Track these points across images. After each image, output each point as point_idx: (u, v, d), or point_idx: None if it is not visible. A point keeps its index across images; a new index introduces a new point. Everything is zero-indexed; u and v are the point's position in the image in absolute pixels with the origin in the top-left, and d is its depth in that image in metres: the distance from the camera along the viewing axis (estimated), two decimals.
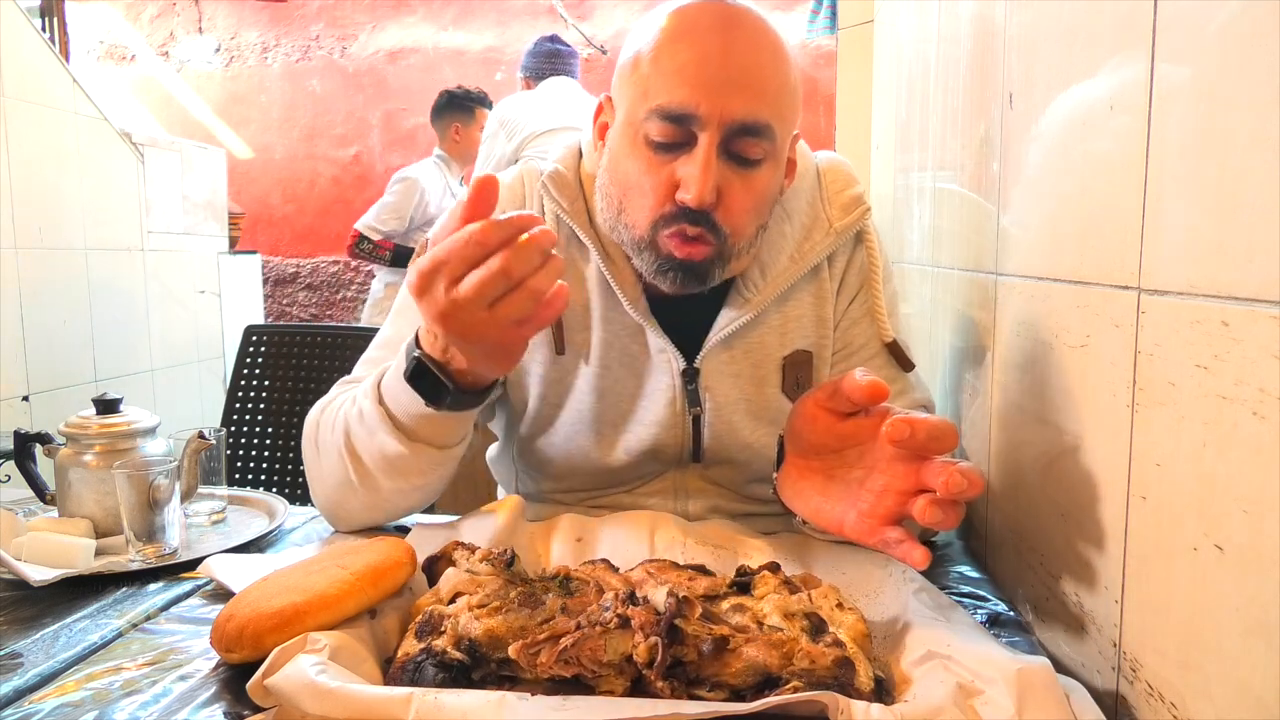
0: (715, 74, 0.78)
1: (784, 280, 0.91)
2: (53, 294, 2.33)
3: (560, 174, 0.93)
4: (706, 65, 0.78)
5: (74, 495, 0.92)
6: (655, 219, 0.82)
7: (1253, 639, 0.45)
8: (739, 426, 0.93)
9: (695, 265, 0.82)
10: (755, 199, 0.83)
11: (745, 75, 0.79)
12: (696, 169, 0.78)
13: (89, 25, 4.46)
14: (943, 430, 0.63)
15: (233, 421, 1.80)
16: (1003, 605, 0.76)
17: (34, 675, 0.64)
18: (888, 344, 0.94)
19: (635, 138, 0.82)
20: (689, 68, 0.79)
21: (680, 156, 0.80)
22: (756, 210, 0.84)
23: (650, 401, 0.93)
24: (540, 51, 2.88)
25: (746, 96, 0.79)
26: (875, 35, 1.90)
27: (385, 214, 3.14)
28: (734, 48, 0.79)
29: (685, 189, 0.79)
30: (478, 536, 0.80)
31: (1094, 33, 0.64)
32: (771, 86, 0.81)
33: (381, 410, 0.83)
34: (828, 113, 3.58)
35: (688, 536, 0.84)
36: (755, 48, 0.80)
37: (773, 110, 0.80)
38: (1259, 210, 0.44)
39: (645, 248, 0.84)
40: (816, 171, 0.97)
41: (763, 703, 0.53)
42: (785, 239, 0.92)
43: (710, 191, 0.78)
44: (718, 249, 0.82)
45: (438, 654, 0.60)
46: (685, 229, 0.81)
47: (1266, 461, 0.43)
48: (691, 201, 0.78)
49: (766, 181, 0.83)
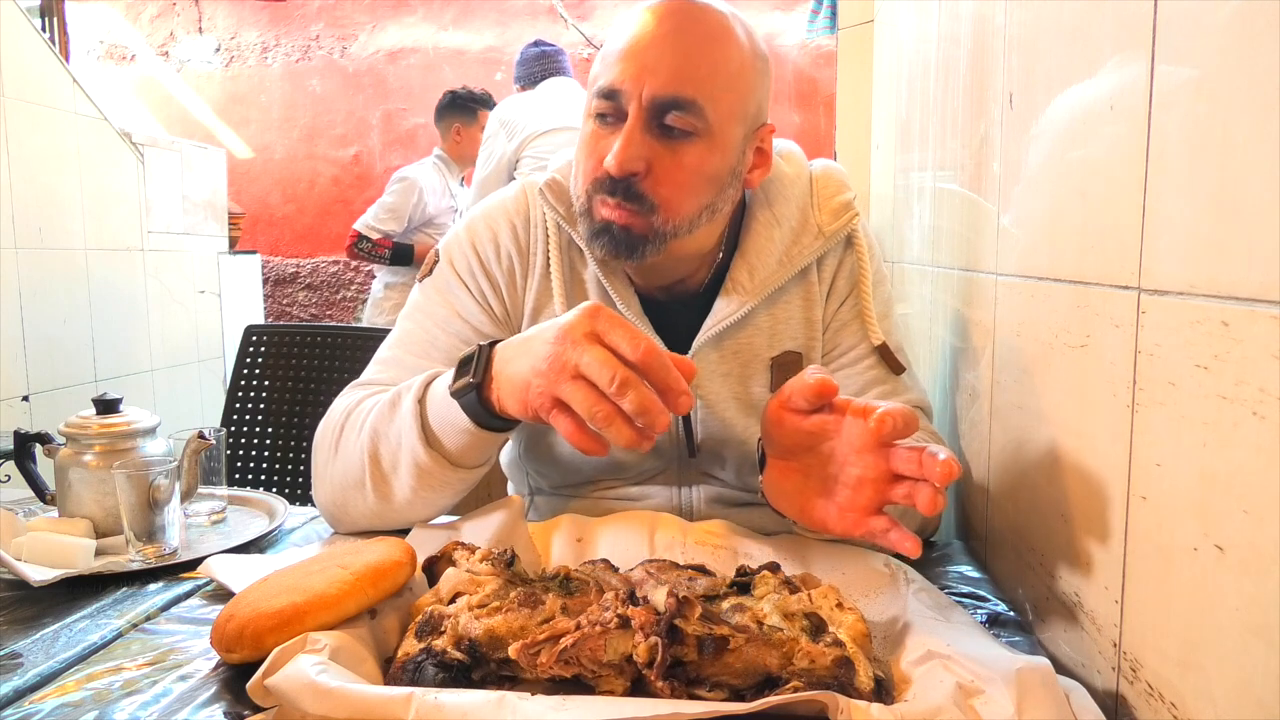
0: (643, 52, 0.84)
1: (772, 281, 0.94)
2: (53, 294, 2.33)
3: (556, 182, 0.96)
4: (638, 45, 0.85)
5: (74, 495, 0.92)
6: (588, 185, 0.88)
7: (1253, 639, 0.45)
8: (732, 423, 0.96)
9: (623, 232, 0.86)
10: (686, 173, 0.86)
11: (673, 54, 0.84)
12: (620, 141, 0.84)
13: (89, 25, 4.46)
14: (908, 417, 0.65)
15: (233, 421, 1.80)
16: (1003, 605, 0.76)
17: (34, 675, 0.64)
18: (877, 347, 0.96)
19: (588, 116, 0.89)
20: (622, 49, 0.85)
21: (617, 131, 0.85)
22: (690, 185, 0.86)
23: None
24: (528, 57, 2.88)
25: (670, 73, 0.84)
26: (875, 35, 1.89)
27: (384, 214, 3.14)
28: (669, 30, 0.85)
29: (608, 157, 0.84)
30: (478, 536, 0.80)
31: (1094, 33, 0.64)
32: (702, 66, 0.85)
33: (418, 411, 0.83)
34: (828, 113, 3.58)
35: (688, 536, 0.84)
36: (692, 31, 0.85)
37: (699, 88, 0.84)
38: (1259, 210, 0.44)
39: (583, 214, 0.89)
40: (810, 178, 0.99)
41: (763, 702, 0.53)
42: (774, 243, 0.94)
43: (631, 160, 0.83)
44: (648, 221, 0.85)
45: (438, 654, 0.60)
46: (609, 197, 0.85)
47: (1266, 461, 0.43)
48: (612, 169, 0.83)
49: (698, 157, 0.86)
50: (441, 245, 1.01)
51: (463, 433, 0.81)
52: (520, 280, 0.97)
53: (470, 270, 0.97)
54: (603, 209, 0.86)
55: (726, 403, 0.96)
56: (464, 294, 0.97)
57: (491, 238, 0.97)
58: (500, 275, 0.97)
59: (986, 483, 0.92)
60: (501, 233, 0.97)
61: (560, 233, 0.96)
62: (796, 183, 0.98)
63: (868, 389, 0.96)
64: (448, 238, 1.01)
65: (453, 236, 1.00)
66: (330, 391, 1.80)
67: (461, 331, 0.96)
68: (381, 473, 0.85)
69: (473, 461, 0.85)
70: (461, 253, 0.98)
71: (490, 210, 1.00)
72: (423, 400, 0.84)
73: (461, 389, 0.78)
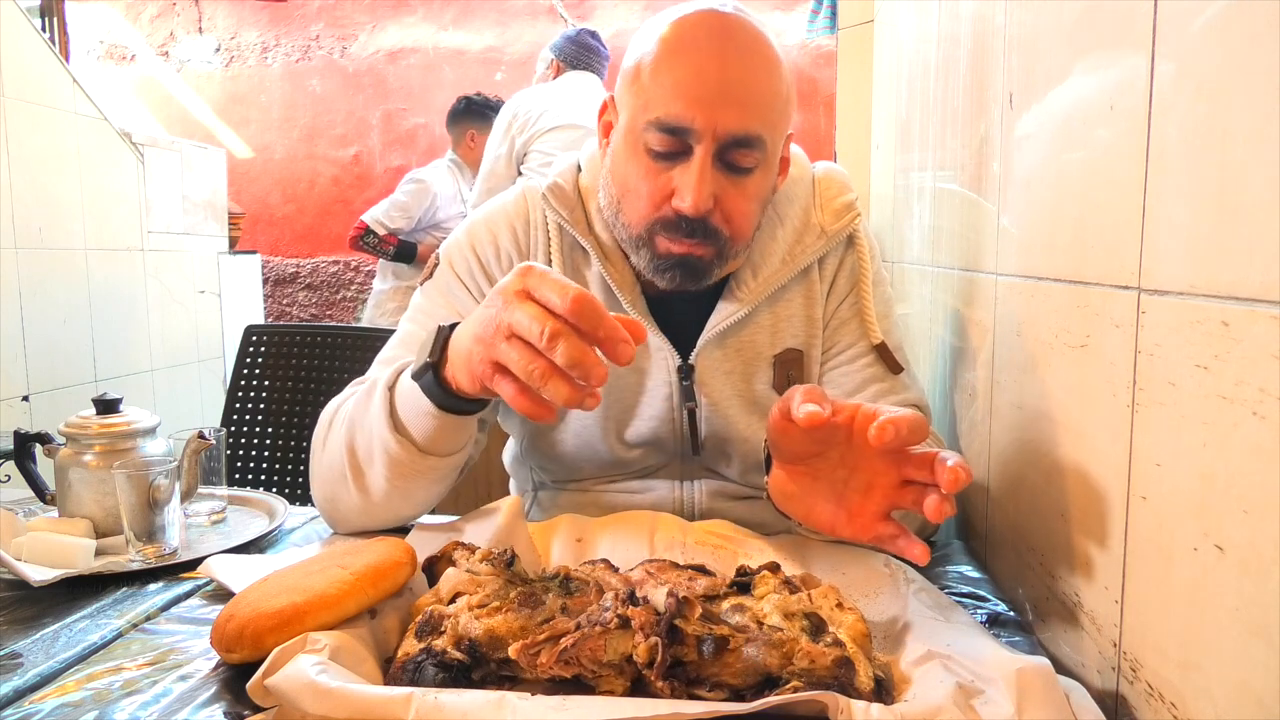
0: (710, 89, 0.82)
1: (775, 280, 0.95)
2: (53, 294, 2.33)
3: (559, 186, 0.97)
4: (701, 80, 0.83)
5: (74, 495, 0.92)
6: (651, 222, 0.87)
7: (1253, 639, 0.45)
8: (735, 420, 0.97)
9: (694, 261, 0.87)
10: (750, 203, 0.88)
11: (738, 89, 0.83)
12: (692, 179, 0.83)
13: (89, 25, 4.46)
14: (915, 424, 0.63)
15: (233, 421, 1.80)
16: (1003, 605, 0.76)
17: (34, 675, 0.64)
18: (876, 345, 0.97)
19: (636, 145, 0.87)
20: (685, 82, 0.83)
21: (677, 165, 0.85)
22: (752, 213, 0.89)
23: (650, 397, 0.97)
24: (578, 40, 2.85)
25: (739, 110, 0.83)
26: (875, 35, 1.90)
27: (395, 211, 3.14)
28: (728, 62, 0.83)
29: (680, 198, 0.84)
30: (478, 536, 0.80)
31: (1094, 33, 0.64)
32: (764, 99, 0.85)
33: (388, 398, 0.83)
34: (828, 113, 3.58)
35: (688, 536, 0.84)
36: (748, 61, 0.84)
37: (764, 121, 0.84)
38: (1259, 210, 0.44)
39: (642, 246, 0.89)
40: (813, 179, 1.01)
41: (763, 703, 0.53)
42: (777, 242, 0.96)
43: (706, 200, 0.84)
44: (718, 250, 0.88)
45: (438, 654, 0.60)
46: (683, 237, 0.86)
47: (1266, 461, 0.43)
48: (688, 210, 0.84)
49: (759, 186, 0.88)
50: (442, 249, 1.02)
51: (426, 416, 0.80)
52: None
53: (470, 271, 0.98)
54: (672, 247, 0.87)
55: (730, 400, 0.97)
56: (464, 294, 0.98)
57: (491, 240, 0.99)
58: (500, 276, 0.96)
59: (986, 483, 0.92)
60: (501, 235, 0.99)
61: (562, 235, 0.97)
62: (799, 183, 0.99)
63: (865, 386, 0.97)
64: (448, 241, 1.02)
65: (453, 240, 1.02)
66: (330, 392, 1.80)
67: None
68: (359, 464, 0.85)
69: (442, 449, 0.84)
70: (461, 255, 0.99)
71: (491, 214, 1.01)
72: (393, 388, 0.84)
73: (420, 370, 0.78)
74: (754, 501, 0.99)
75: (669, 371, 0.96)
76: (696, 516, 0.97)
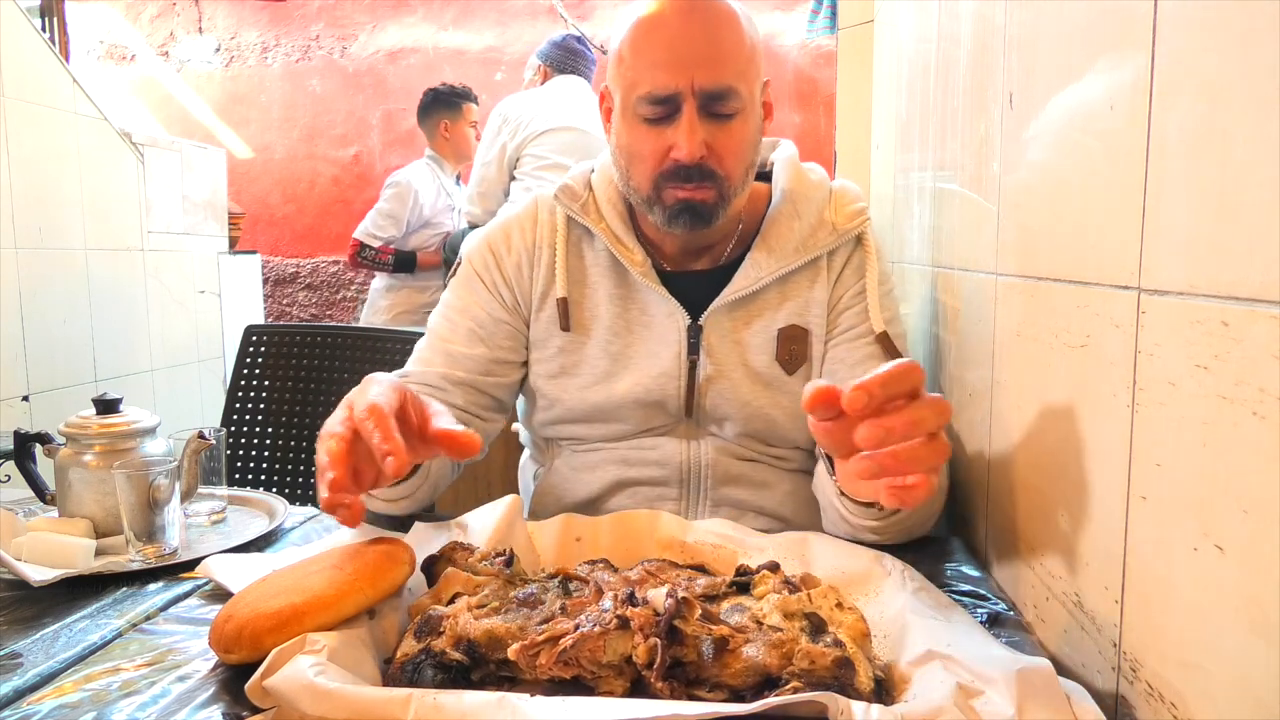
0: (684, 56, 0.95)
1: (787, 264, 1.06)
2: (53, 294, 2.33)
3: (568, 185, 1.11)
4: (675, 50, 0.96)
5: (74, 495, 0.92)
6: (656, 176, 0.99)
7: (1253, 639, 0.44)
8: (738, 384, 1.06)
9: (700, 205, 0.99)
10: (738, 143, 0.99)
11: (708, 49, 0.96)
12: (684, 132, 0.96)
13: (89, 25, 4.46)
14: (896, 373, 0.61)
15: (233, 421, 1.80)
16: (1003, 605, 0.76)
17: (33, 675, 0.64)
18: (878, 335, 1.04)
19: (632, 118, 1.00)
20: (662, 57, 0.96)
21: (670, 125, 0.97)
22: (741, 152, 1.00)
23: (659, 359, 1.06)
24: (564, 45, 2.88)
25: (711, 68, 0.95)
26: (875, 35, 1.89)
27: (381, 220, 3.12)
28: (694, 29, 0.96)
29: (678, 150, 0.97)
30: (477, 537, 0.80)
31: (1094, 33, 0.64)
32: (731, 53, 0.97)
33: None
34: (828, 113, 3.58)
35: (687, 536, 0.84)
36: (713, 23, 0.97)
37: (735, 72, 0.97)
38: (1259, 210, 0.43)
39: (655, 202, 1.01)
40: (830, 189, 1.12)
41: (763, 703, 0.53)
42: (794, 233, 1.07)
43: (698, 146, 0.96)
44: (718, 190, 0.99)
45: (437, 654, 0.60)
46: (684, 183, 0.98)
47: (1266, 461, 0.43)
48: (685, 158, 0.96)
49: (744, 128, 0.99)
50: (463, 250, 1.16)
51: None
52: (528, 271, 1.11)
53: (486, 266, 1.12)
54: (678, 193, 0.99)
55: (734, 367, 1.06)
56: (479, 286, 1.11)
57: (505, 239, 1.12)
58: (510, 269, 1.11)
59: (986, 483, 0.92)
60: (514, 234, 1.12)
61: (570, 226, 1.10)
62: (819, 188, 1.10)
63: (865, 363, 1.03)
64: (470, 243, 1.15)
65: (473, 244, 1.15)
66: (330, 391, 1.81)
67: (478, 316, 1.09)
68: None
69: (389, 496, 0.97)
70: (480, 254, 1.13)
71: (506, 220, 1.15)
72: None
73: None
74: (757, 464, 1.08)
75: (679, 331, 1.06)
76: (705, 474, 1.07)
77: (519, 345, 1.11)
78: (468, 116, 3.22)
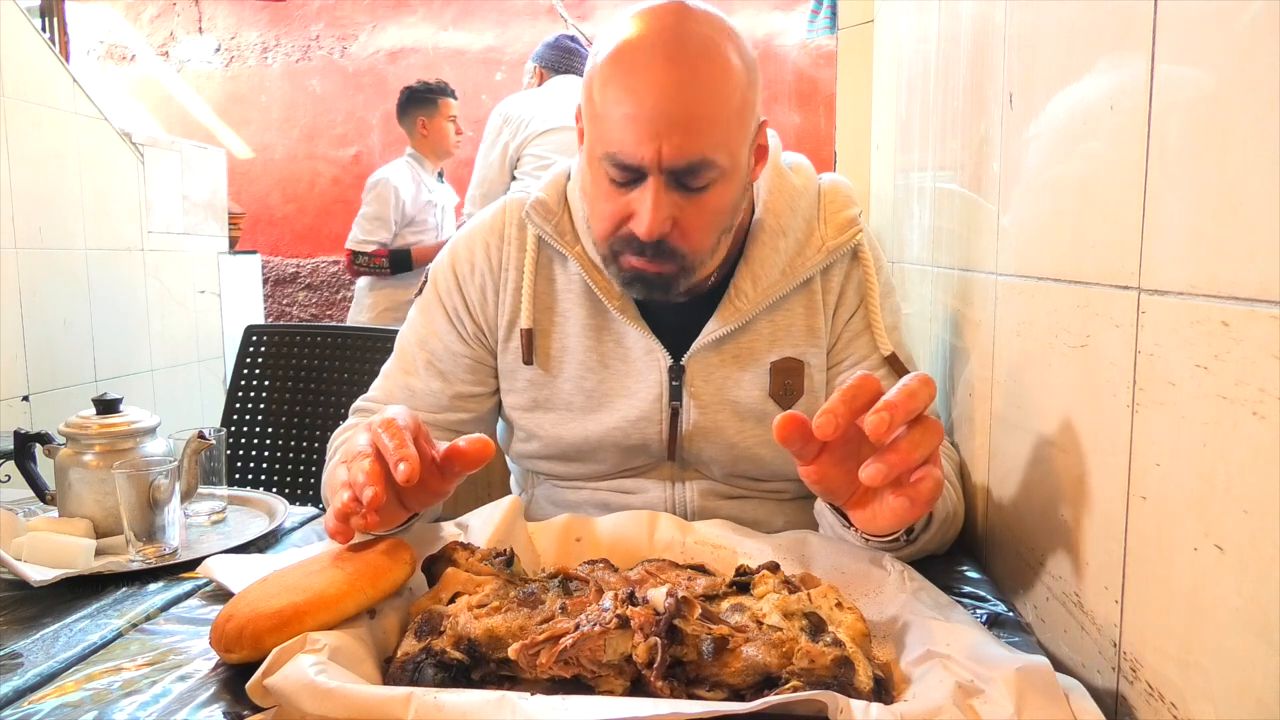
0: (654, 122, 0.81)
1: (774, 292, 0.96)
2: (53, 294, 2.33)
3: (541, 200, 0.99)
4: (644, 114, 0.82)
5: (74, 495, 0.92)
6: (611, 241, 0.89)
7: (1253, 639, 0.45)
8: (724, 425, 0.97)
9: (657, 278, 0.88)
10: (710, 216, 0.87)
11: (682, 116, 0.82)
12: (646, 207, 0.84)
13: (89, 25, 4.46)
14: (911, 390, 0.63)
15: (233, 421, 1.80)
16: (1003, 605, 0.76)
17: (34, 675, 0.64)
18: (887, 357, 0.98)
19: (596, 170, 0.88)
20: (630, 117, 0.82)
21: (634, 189, 0.85)
22: (712, 225, 0.88)
23: (638, 399, 0.98)
24: (558, 45, 2.89)
25: (683, 139, 0.82)
26: (875, 35, 1.90)
27: (368, 224, 3.10)
28: (670, 90, 0.82)
29: (637, 223, 0.85)
30: (478, 536, 0.80)
31: (1094, 33, 0.64)
32: (709, 121, 0.83)
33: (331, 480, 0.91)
34: (828, 113, 3.58)
35: (687, 536, 0.84)
36: (695, 84, 0.82)
37: (711, 143, 0.83)
38: (1259, 210, 0.44)
39: (610, 262, 0.91)
40: (818, 191, 1.01)
41: (762, 702, 0.53)
42: (779, 253, 0.96)
43: (659, 225, 0.84)
44: (679, 265, 0.88)
45: (437, 654, 0.60)
46: (638, 256, 0.87)
47: (1266, 461, 0.43)
48: (643, 236, 0.84)
49: (718, 200, 0.87)
50: (430, 266, 1.07)
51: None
52: (492, 296, 1.01)
53: (448, 289, 1.02)
54: (634, 262, 0.88)
55: (721, 405, 0.97)
56: (439, 313, 1.03)
57: (469, 258, 1.02)
58: (474, 294, 1.01)
59: (986, 483, 0.92)
60: (477, 252, 1.02)
61: (540, 247, 0.99)
62: (804, 195, 0.99)
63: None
64: (437, 259, 1.06)
65: (440, 258, 1.06)
66: (330, 391, 1.81)
67: (435, 349, 1.02)
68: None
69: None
70: (443, 274, 1.04)
71: (471, 231, 1.04)
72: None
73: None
74: (746, 500, 1.01)
75: (660, 371, 0.97)
76: (691, 517, 0.97)
77: (484, 377, 1.02)
78: (445, 112, 3.19)
